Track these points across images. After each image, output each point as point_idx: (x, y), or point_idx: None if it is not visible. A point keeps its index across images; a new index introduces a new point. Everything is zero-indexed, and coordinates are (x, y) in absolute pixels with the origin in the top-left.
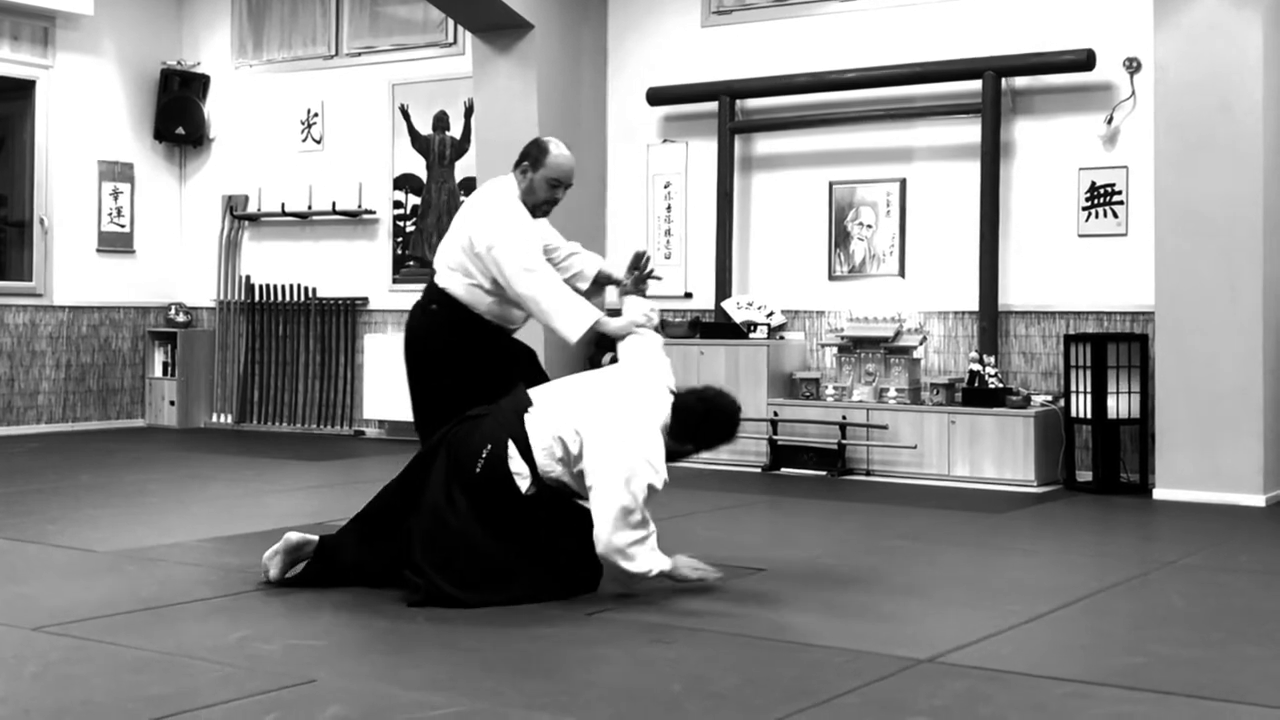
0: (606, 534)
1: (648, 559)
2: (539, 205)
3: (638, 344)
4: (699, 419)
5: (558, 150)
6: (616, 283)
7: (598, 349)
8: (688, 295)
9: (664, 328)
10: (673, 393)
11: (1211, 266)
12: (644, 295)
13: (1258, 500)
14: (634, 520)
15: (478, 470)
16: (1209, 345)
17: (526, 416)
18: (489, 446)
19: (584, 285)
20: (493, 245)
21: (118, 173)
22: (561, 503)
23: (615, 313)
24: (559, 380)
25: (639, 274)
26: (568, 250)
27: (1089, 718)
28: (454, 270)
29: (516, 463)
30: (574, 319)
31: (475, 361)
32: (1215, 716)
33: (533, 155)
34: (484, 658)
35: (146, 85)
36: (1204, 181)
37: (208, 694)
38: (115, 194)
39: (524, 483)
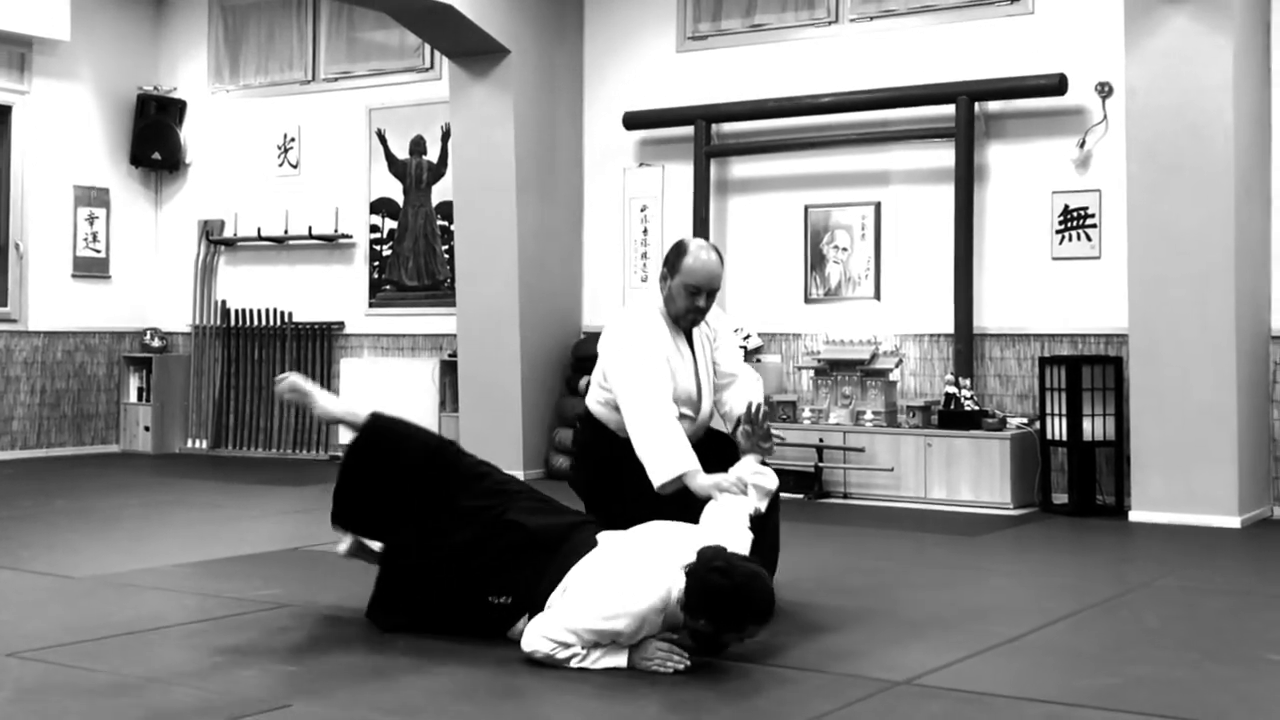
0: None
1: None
2: (682, 315)
3: (717, 511)
4: (720, 597)
5: (694, 255)
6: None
7: (574, 372)
8: None
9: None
10: (712, 563)
11: (1184, 289)
12: (763, 452)
13: (1233, 522)
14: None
15: (489, 600)
16: (1183, 367)
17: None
18: (507, 599)
19: (727, 426)
20: (614, 351)
21: (93, 198)
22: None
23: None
24: (634, 530)
25: (750, 428)
26: (728, 378)
27: None
28: (595, 385)
29: (519, 625)
30: (663, 465)
31: (614, 484)
32: None
33: (670, 261)
34: (459, 683)
35: (123, 110)
36: (1176, 204)
37: (183, 719)
38: (91, 219)
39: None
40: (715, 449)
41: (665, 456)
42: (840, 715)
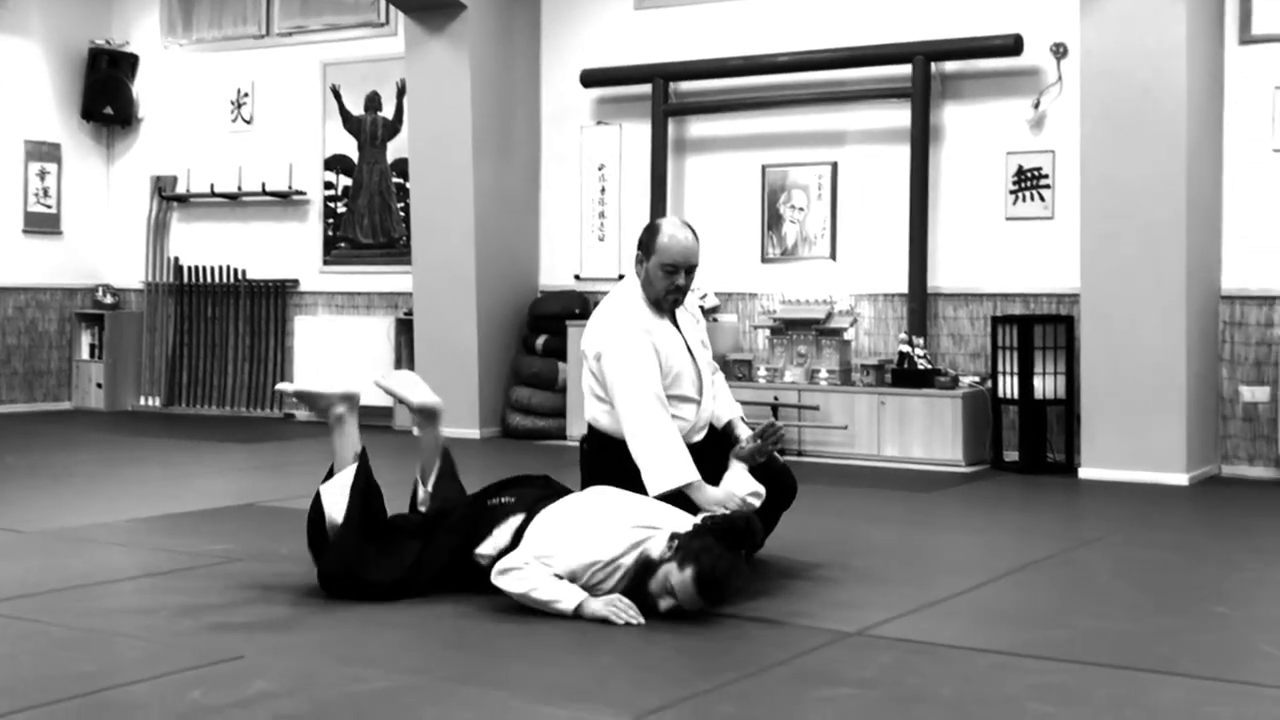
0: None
1: (541, 590)
2: (662, 297)
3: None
4: (709, 571)
5: (669, 233)
6: (736, 441)
7: (531, 331)
8: (620, 278)
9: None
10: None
11: (1135, 249)
12: (760, 461)
13: (1181, 479)
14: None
15: (489, 501)
16: (1133, 327)
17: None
18: (510, 499)
19: (707, 427)
20: (601, 354)
21: (44, 153)
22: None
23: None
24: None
25: (762, 444)
26: (709, 367)
27: (1014, 688)
28: (589, 392)
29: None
30: (663, 473)
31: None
32: (1139, 686)
33: (644, 243)
34: (415, 634)
35: (74, 64)
36: (1128, 165)
37: (134, 670)
38: (42, 174)
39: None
40: (709, 450)
41: (664, 466)
42: (793, 665)
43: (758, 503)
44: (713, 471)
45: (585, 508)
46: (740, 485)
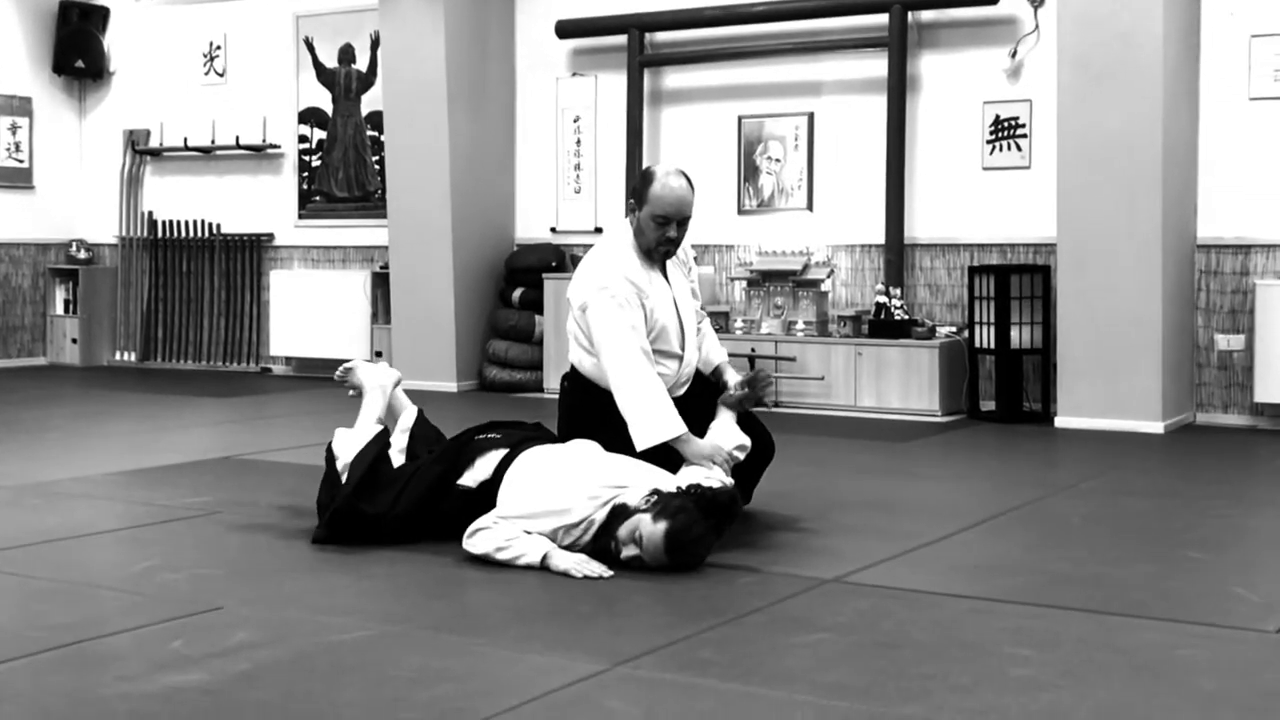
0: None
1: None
2: (653, 248)
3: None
4: (681, 529)
5: (662, 183)
6: (725, 387)
7: (508, 284)
8: (598, 230)
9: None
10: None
11: (1112, 198)
12: (749, 409)
13: (1156, 427)
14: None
15: (475, 437)
16: (1109, 276)
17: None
18: (496, 435)
19: (695, 371)
20: (586, 305)
21: (15, 107)
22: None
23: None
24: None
25: (750, 392)
26: (699, 316)
27: (988, 631)
28: (573, 338)
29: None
30: (649, 428)
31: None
32: (1112, 629)
33: (637, 191)
34: (394, 584)
35: (45, 18)
36: (1105, 114)
37: (114, 622)
38: (13, 129)
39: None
40: (695, 401)
41: (650, 419)
42: (769, 612)
43: (743, 455)
44: (701, 418)
45: (563, 463)
46: (727, 438)
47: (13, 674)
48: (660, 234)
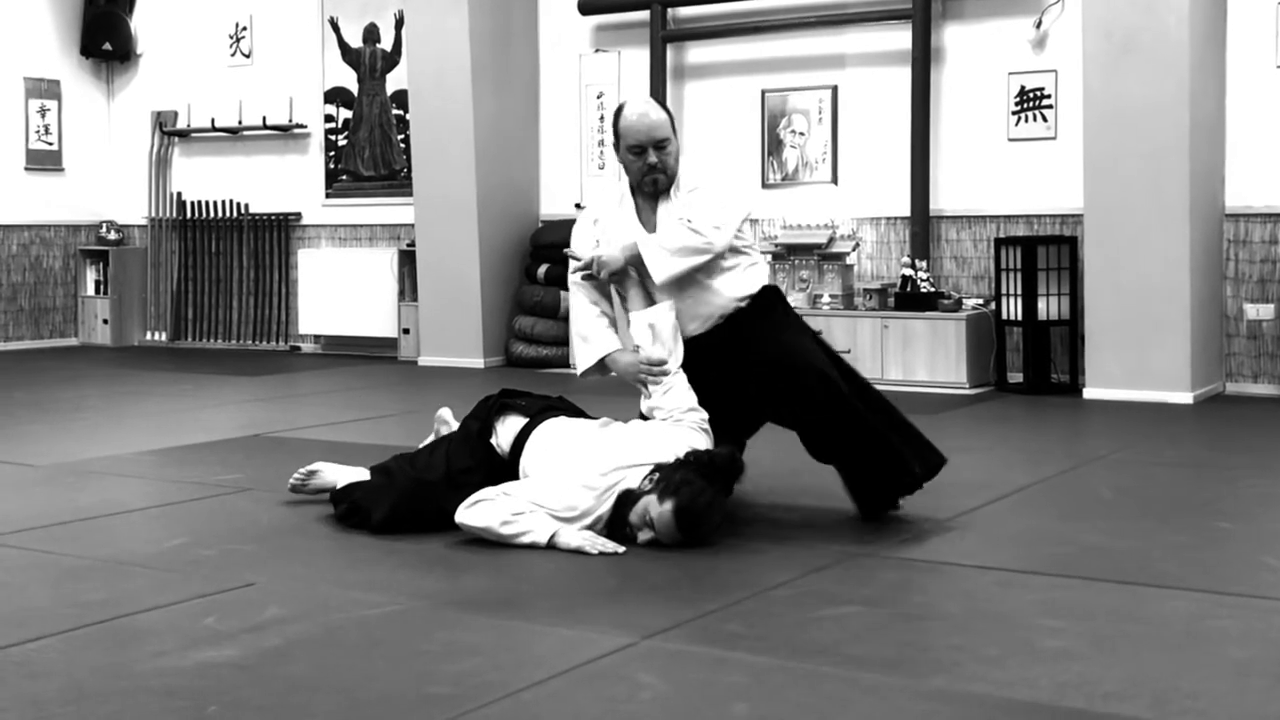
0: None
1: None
2: (640, 181)
3: (675, 396)
4: (692, 508)
5: (629, 113)
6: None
7: (533, 261)
8: None
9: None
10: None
11: (1138, 168)
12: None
13: (1185, 398)
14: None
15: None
16: (1136, 246)
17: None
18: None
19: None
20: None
21: (44, 90)
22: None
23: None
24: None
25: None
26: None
27: (1019, 603)
28: None
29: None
30: (581, 353)
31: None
32: (1142, 600)
33: (614, 128)
34: (424, 559)
35: (72, 1)
36: (1131, 84)
37: (147, 598)
38: (42, 111)
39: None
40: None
41: (583, 347)
42: (797, 585)
43: (667, 357)
44: (733, 359)
45: (569, 451)
46: (643, 345)
47: (48, 651)
48: (640, 164)
